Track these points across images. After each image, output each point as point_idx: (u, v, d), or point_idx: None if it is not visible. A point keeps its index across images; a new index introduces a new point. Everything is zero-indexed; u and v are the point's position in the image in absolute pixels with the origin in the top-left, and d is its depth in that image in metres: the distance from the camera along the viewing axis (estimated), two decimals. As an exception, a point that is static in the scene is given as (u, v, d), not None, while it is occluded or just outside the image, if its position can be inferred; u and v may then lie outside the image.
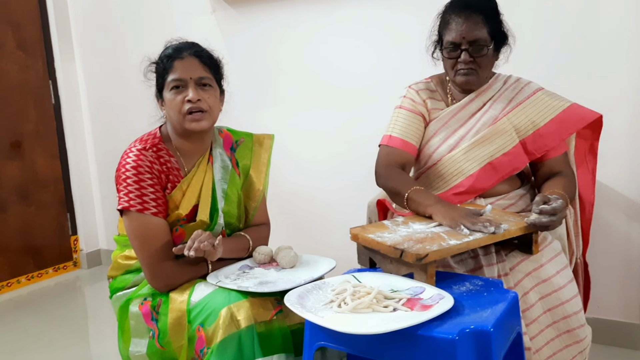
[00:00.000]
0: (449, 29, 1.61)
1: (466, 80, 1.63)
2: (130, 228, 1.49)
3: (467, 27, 1.57)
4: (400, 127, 1.71)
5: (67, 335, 2.50)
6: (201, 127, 1.52)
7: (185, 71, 1.50)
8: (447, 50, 1.62)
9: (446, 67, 1.67)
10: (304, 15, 2.57)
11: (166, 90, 1.53)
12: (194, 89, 1.50)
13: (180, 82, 1.50)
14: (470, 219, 1.39)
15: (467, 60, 1.59)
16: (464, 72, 1.62)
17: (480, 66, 1.61)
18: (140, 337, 1.51)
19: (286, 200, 2.66)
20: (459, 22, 1.58)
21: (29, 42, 3.20)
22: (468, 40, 1.58)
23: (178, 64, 1.51)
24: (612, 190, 2.04)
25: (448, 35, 1.61)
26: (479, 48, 1.59)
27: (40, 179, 3.28)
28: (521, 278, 1.46)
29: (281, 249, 1.59)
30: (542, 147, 1.63)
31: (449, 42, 1.61)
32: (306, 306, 1.18)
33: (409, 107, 1.73)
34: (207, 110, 1.52)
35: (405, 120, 1.71)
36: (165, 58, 1.53)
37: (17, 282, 3.16)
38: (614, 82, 1.98)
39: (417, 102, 1.72)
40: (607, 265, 2.07)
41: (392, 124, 1.74)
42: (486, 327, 1.06)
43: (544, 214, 1.39)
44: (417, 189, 1.55)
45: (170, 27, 2.86)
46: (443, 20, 1.65)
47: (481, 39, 1.58)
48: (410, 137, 1.70)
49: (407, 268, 1.30)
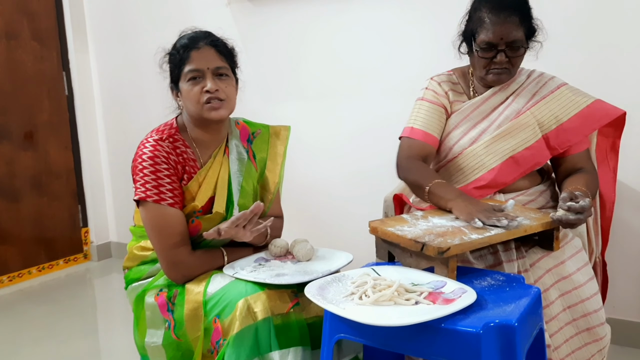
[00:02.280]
0: (485, 28, 1.56)
1: (499, 79, 1.61)
2: (147, 219, 1.49)
3: (506, 27, 1.53)
4: (423, 119, 1.69)
5: (76, 327, 2.50)
6: (220, 115, 1.51)
7: (202, 61, 1.49)
8: (483, 50, 1.58)
9: (476, 64, 1.63)
10: (319, 8, 2.55)
11: (183, 81, 1.51)
12: (212, 79, 1.49)
13: (198, 73, 1.49)
14: (486, 213, 1.37)
15: (504, 61, 1.56)
16: (498, 72, 1.59)
17: (514, 65, 1.59)
18: (156, 328, 1.51)
19: (302, 194, 2.64)
20: (496, 22, 1.54)
21: (44, 32, 3.20)
22: (506, 41, 1.54)
23: (195, 54, 1.49)
24: (630, 189, 2.02)
25: (484, 34, 1.56)
26: (515, 49, 1.56)
27: (53, 170, 3.29)
28: (541, 275, 1.45)
29: (297, 241, 1.58)
30: (564, 142, 1.60)
31: (485, 42, 1.56)
32: (327, 298, 1.16)
33: (430, 99, 1.71)
34: (225, 99, 1.51)
35: (427, 112, 1.69)
36: (182, 48, 1.51)
37: (28, 272, 3.17)
38: (635, 79, 1.95)
39: (439, 94, 1.70)
40: (624, 265, 2.04)
41: (413, 115, 1.72)
42: (511, 321, 1.05)
43: (572, 211, 1.36)
44: (438, 182, 1.53)
45: (185, 18, 2.85)
46: (477, 18, 1.60)
47: (518, 40, 1.55)
48: (432, 129, 1.68)
49: (427, 262, 1.29)
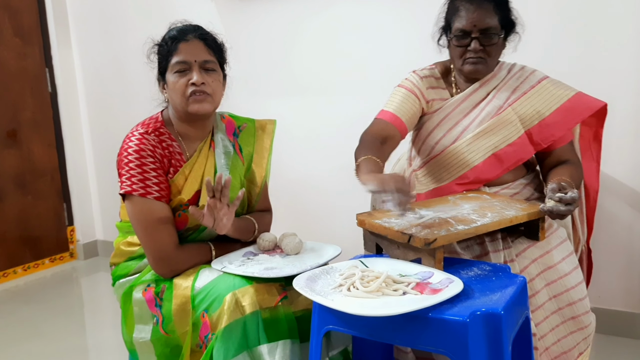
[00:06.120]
0: (459, 16, 1.58)
1: (475, 69, 1.60)
2: (133, 213, 1.48)
3: (479, 14, 1.54)
4: (395, 103, 1.67)
5: (63, 326, 2.48)
6: (204, 109, 1.50)
7: (190, 54, 1.48)
8: (457, 38, 1.59)
9: (453, 55, 1.64)
10: (305, 3, 2.55)
11: (169, 73, 1.50)
12: (198, 73, 1.48)
13: (185, 65, 1.48)
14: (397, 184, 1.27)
15: (477, 48, 1.56)
16: (473, 61, 1.59)
17: (489, 55, 1.59)
18: (144, 323, 1.50)
19: (290, 188, 2.64)
20: (470, 10, 1.56)
21: (26, 29, 3.15)
22: (479, 28, 1.55)
23: (183, 46, 1.48)
24: (615, 181, 2.04)
25: (458, 22, 1.58)
26: (489, 36, 1.56)
27: (37, 168, 3.24)
28: (527, 264, 1.46)
29: (286, 235, 1.58)
30: (548, 137, 1.61)
31: (459, 30, 1.57)
32: (315, 290, 1.17)
33: (407, 86, 1.70)
34: (211, 93, 1.50)
35: (401, 97, 1.68)
36: (170, 40, 1.50)
37: (13, 272, 3.13)
38: (617, 72, 1.98)
39: (416, 86, 1.69)
40: (608, 255, 2.07)
41: (389, 101, 1.70)
42: (497, 309, 1.06)
43: (563, 202, 1.37)
44: (367, 159, 1.47)
45: (169, 14, 2.77)
46: (452, 7, 1.62)
47: (492, 27, 1.55)
48: (401, 112, 1.65)
49: (414, 253, 1.29)
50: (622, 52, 1.96)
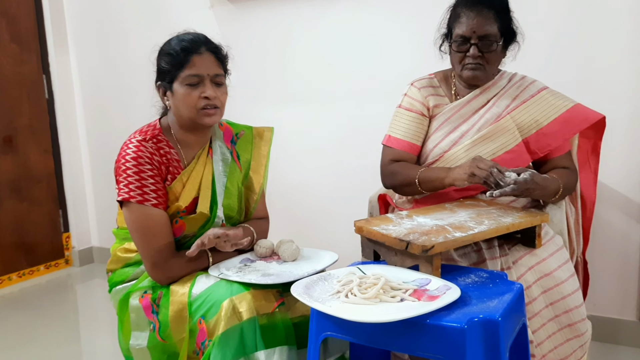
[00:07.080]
0: (460, 22, 1.60)
1: (473, 75, 1.63)
2: (130, 220, 1.48)
3: (479, 21, 1.57)
4: (402, 128, 1.72)
5: (58, 333, 2.46)
6: (213, 121, 1.52)
7: (203, 67, 1.48)
8: (456, 43, 1.62)
9: (453, 61, 1.67)
10: (302, 10, 2.56)
11: (179, 84, 1.49)
12: (211, 87, 1.49)
13: (198, 79, 1.48)
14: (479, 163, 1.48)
15: (476, 54, 1.59)
16: (472, 67, 1.61)
17: (488, 62, 1.61)
18: (141, 330, 1.50)
19: (288, 195, 2.65)
20: (470, 16, 1.58)
21: (23, 35, 3.15)
22: (478, 34, 1.58)
23: (197, 59, 1.48)
24: (610, 189, 2.05)
25: (458, 28, 1.61)
26: (488, 43, 1.59)
27: (33, 174, 3.24)
28: (524, 272, 1.47)
29: (283, 242, 1.58)
30: (544, 147, 1.63)
31: (459, 36, 1.60)
32: (313, 296, 1.17)
33: (408, 107, 1.73)
34: (220, 106, 1.52)
35: (406, 120, 1.72)
36: (182, 51, 1.48)
37: (8, 279, 3.11)
38: (614, 83, 1.99)
39: (417, 100, 1.72)
40: (604, 263, 2.08)
41: (393, 124, 1.74)
42: (494, 316, 1.06)
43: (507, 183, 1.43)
44: (424, 170, 1.58)
45: (167, 21, 2.84)
46: (454, 14, 1.65)
47: (491, 34, 1.58)
48: (411, 136, 1.71)
49: (412, 260, 1.30)
50: (620, 64, 1.98)
